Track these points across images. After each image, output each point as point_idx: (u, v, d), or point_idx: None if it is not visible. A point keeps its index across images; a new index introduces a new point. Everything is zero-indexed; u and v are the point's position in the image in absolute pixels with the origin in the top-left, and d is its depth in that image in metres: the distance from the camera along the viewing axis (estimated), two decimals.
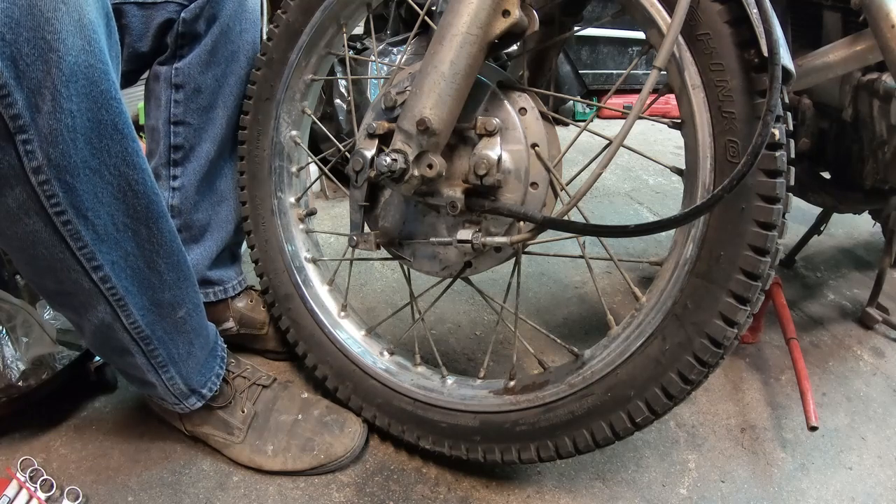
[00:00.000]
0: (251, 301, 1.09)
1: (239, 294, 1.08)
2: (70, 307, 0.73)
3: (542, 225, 0.68)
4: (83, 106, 0.57)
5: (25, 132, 0.55)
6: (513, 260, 0.81)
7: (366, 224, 0.82)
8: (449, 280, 0.85)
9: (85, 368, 0.98)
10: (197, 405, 0.86)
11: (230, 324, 1.07)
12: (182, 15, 0.87)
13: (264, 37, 0.97)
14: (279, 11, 0.94)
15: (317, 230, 1.05)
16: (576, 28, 0.91)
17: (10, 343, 0.88)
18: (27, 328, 0.91)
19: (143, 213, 0.68)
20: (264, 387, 0.94)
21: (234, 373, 0.93)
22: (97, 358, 0.99)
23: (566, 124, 0.86)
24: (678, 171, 0.73)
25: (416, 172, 0.70)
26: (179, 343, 0.80)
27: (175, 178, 0.96)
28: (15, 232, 0.62)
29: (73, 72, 0.55)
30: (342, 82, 1.79)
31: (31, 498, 0.79)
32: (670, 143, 2.83)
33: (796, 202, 0.99)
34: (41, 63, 0.53)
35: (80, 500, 0.80)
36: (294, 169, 1.03)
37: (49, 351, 0.92)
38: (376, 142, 0.75)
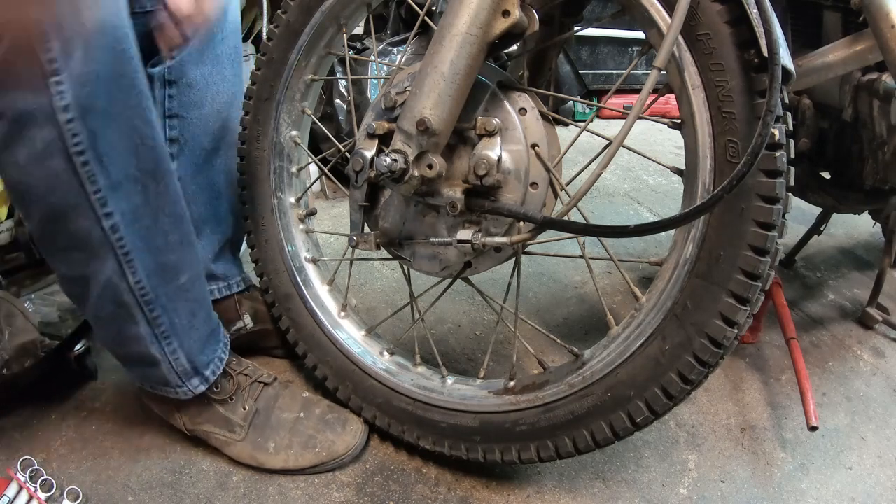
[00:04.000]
0: (261, 295, 1.09)
1: (245, 290, 1.08)
2: (77, 264, 0.74)
3: (542, 225, 0.68)
4: (107, 58, 0.64)
5: (59, 75, 0.61)
6: (513, 260, 0.81)
7: (366, 224, 0.82)
8: (449, 280, 0.85)
9: (66, 357, 0.98)
10: (200, 388, 0.86)
11: (245, 321, 1.06)
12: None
13: (264, 37, 0.97)
14: (279, 11, 0.94)
15: (317, 230, 1.05)
16: (576, 28, 0.91)
17: None
18: (10, 318, 0.91)
19: (151, 168, 0.72)
20: (266, 384, 0.94)
21: (235, 370, 0.93)
22: (77, 347, 1.00)
23: (566, 124, 0.86)
24: (678, 171, 0.73)
25: (416, 172, 0.70)
26: (181, 311, 0.81)
27: None
28: (37, 175, 0.65)
29: (102, 28, 0.62)
30: (342, 82, 1.79)
31: (31, 498, 0.79)
32: (670, 143, 2.83)
33: (796, 202, 0.99)
34: (77, 17, 0.60)
35: (80, 500, 0.80)
36: (294, 169, 1.03)
37: (32, 338, 0.92)
38: (376, 142, 0.75)
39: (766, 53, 0.58)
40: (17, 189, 0.68)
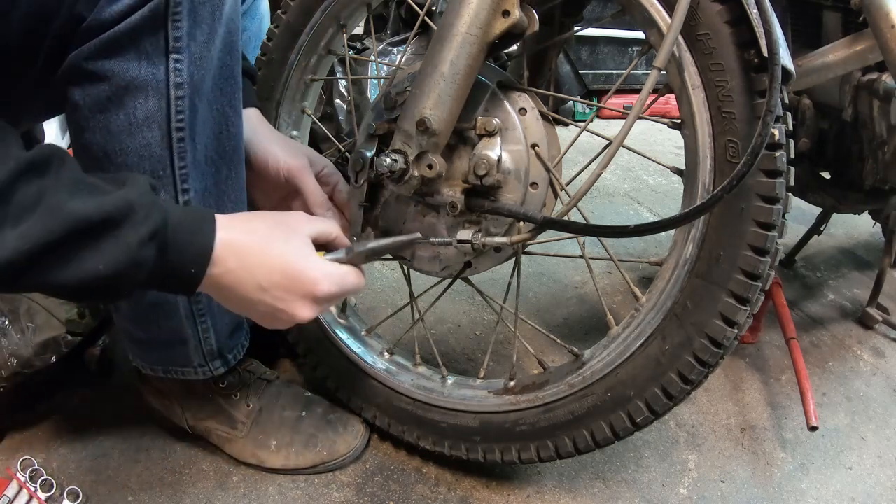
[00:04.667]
0: None
1: None
2: None
3: (542, 225, 0.68)
4: (220, 47, 0.67)
5: (180, 53, 0.63)
6: (513, 260, 0.81)
7: (366, 224, 0.82)
8: (449, 280, 0.85)
9: (87, 354, 0.98)
10: (220, 370, 0.86)
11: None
12: None
13: (264, 37, 0.97)
14: (279, 11, 0.94)
15: None
16: (576, 28, 0.91)
17: (13, 332, 0.89)
18: (31, 315, 0.91)
19: (228, 154, 0.74)
20: (268, 381, 0.94)
21: (240, 365, 0.92)
22: (100, 342, 1.00)
23: (566, 124, 0.86)
24: (678, 171, 0.73)
25: (415, 172, 0.70)
26: None
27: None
28: (127, 146, 0.65)
29: (224, 19, 0.66)
30: (342, 82, 1.78)
31: (31, 498, 0.79)
32: (670, 143, 2.83)
33: (796, 202, 0.99)
34: (209, 5, 0.64)
35: (80, 500, 0.80)
36: None
37: (55, 335, 0.92)
38: (376, 142, 0.75)
39: (766, 53, 0.58)
40: (99, 154, 0.67)
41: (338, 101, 1.79)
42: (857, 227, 1.98)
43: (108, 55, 0.60)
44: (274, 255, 0.62)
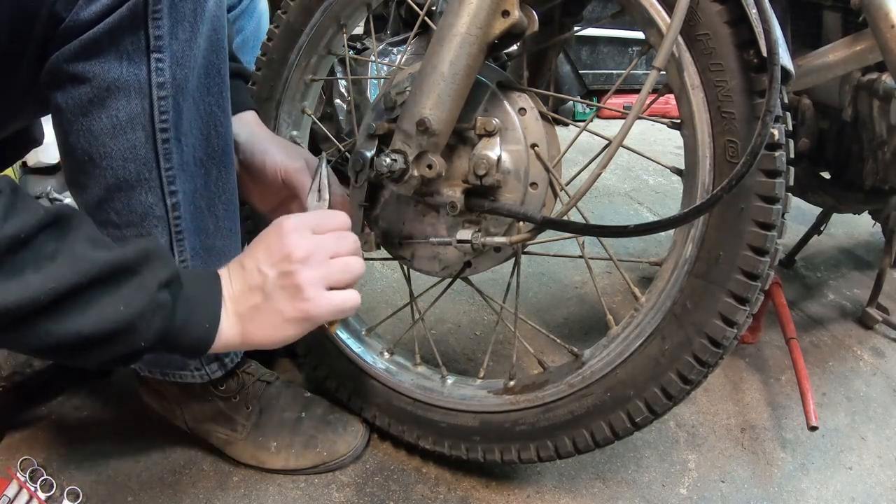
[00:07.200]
0: None
1: None
2: (128, 241, 0.74)
3: (542, 225, 0.68)
4: (204, 45, 0.66)
5: (161, 52, 0.62)
6: (513, 260, 0.81)
7: (366, 224, 0.82)
8: (449, 280, 0.85)
9: None
10: (217, 374, 0.86)
11: None
12: None
13: (264, 37, 0.97)
14: (279, 11, 0.94)
15: None
16: (576, 28, 0.91)
17: None
18: None
19: (218, 155, 0.73)
20: (268, 383, 0.94)
21: (240, 367, 0.92)
22: None
23: (566, 124, 0.86)
24: (678, 171, 0.73)
25: (415, 173, 0.70)
26: None
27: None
28: (112, 146, 0.65)
29: (208, 16, 0.65)
30: (342, 82, 1.78)
31: (31, 498, 0.79)
32: (670, 143, 2.83)
33: (796, 202, 0.99)
34: (191, 3, 0.63)
35: (80, 500, 0.80)
36: None
37: None
38: (376, 142, 0.75)
39: (765, 53, 0.58)
40: (83, 157, 0.66)
41: (338, 101, 1.79)
42: (857, 227, 1.98)
43: (89, 56, 0.59)
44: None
